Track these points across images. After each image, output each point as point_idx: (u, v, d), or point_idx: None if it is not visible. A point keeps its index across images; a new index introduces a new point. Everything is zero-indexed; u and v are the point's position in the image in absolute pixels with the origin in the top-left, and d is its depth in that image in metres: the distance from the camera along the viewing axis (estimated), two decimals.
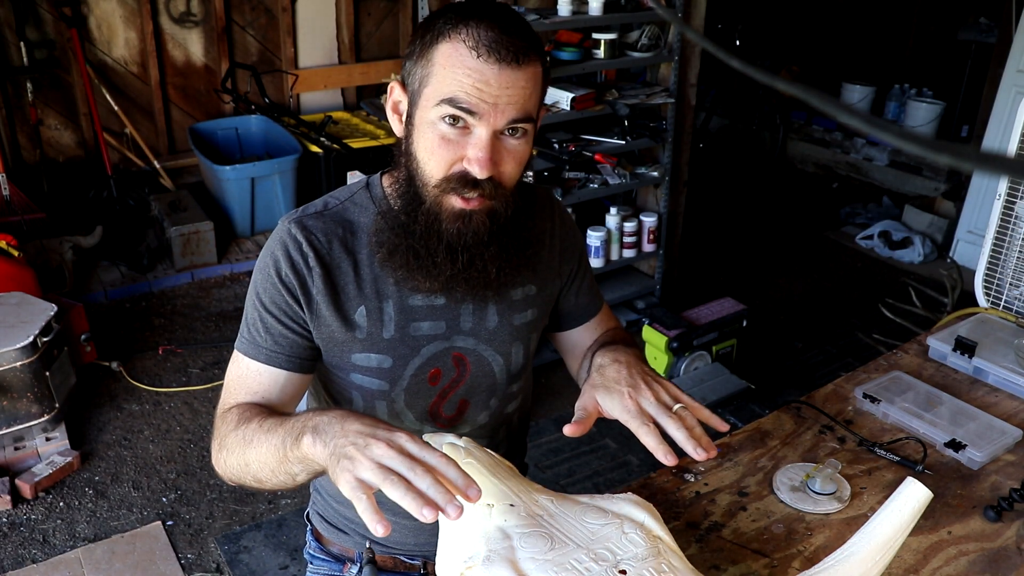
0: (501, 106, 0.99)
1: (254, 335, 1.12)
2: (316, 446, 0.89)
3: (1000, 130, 3.96)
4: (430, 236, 1.06)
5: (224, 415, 1.09)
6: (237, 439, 1.02)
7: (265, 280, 1.11)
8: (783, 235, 4.65)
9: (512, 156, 1.04)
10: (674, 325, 3.02)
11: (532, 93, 1.02)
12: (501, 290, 1.16)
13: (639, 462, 2.77)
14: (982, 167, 0.34)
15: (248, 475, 1.02)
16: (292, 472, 0.96)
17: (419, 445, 0.86)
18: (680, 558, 0.93)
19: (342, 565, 1.33)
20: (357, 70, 4.77)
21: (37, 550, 2.33)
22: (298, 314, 1.11)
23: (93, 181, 4.11)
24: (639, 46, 3.24)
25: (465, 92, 0.98)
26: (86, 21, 4.08)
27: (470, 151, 1.00)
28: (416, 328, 1.14)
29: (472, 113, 0.99)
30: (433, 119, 1.01)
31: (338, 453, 0.86)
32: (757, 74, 0.43)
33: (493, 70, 0.97)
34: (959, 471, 1.28)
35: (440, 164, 1.02)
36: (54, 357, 2.71)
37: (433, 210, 1.05)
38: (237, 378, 1.12)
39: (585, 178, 3.22)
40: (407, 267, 1.08)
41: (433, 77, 1.00)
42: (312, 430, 0.91)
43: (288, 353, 1.11)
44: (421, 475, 0.82)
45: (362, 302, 1.12)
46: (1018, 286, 1.68)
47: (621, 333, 1.33)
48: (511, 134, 1.02)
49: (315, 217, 1.13)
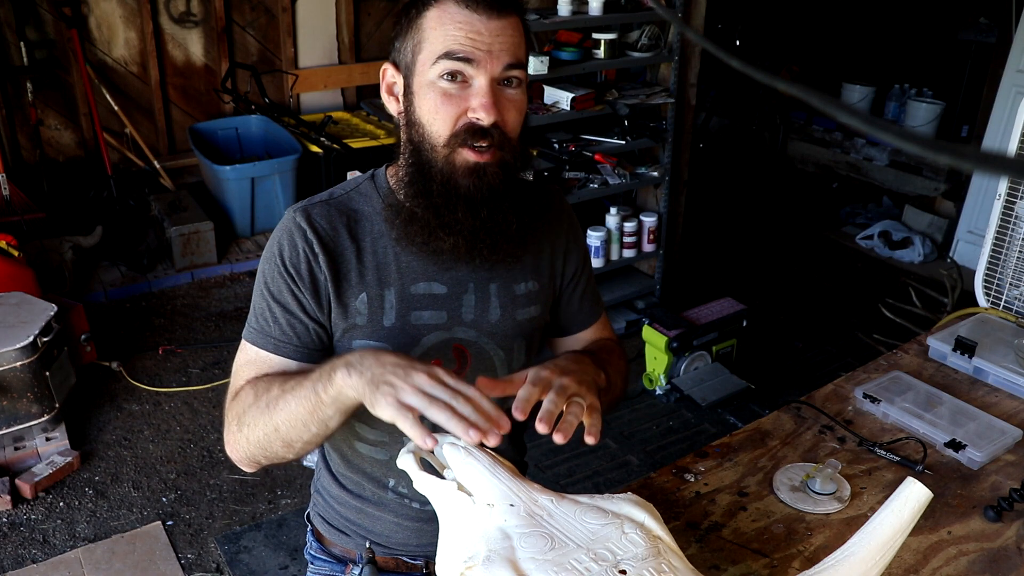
0: (495, 52, 1.03)
1: (262, 324, 1.12)
2: (351, 377, 0.94)
3: (1000, 130, 3.96)
4: (448, 194, 1.07)
5: (237, 396, 1.10)
6: (259, 409, 1.04)
7: (272, 269, 1.12)
8: (783, 235, 4.65)
9: (512, 105, 1.07)
10: (674, 325, 3.02)
11: (520, 41, 1.07)
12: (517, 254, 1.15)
13: (639, 462, 2.77)
14: (982, 167, 0.34)
15: (277, 440, 1.04)
16: (325, 417, 0.99)
17: (455, 379, 0.93)
18: (680, 558, 0.93)
19: (344, 566, 1.33)
20: (357, 70, 4.77)
21: (37, 550, 2.33)
22: (305, 301, 1.11)
23: (93, 181, 4.10)
24: (639, 46, 3.24)
25: (459, 44, 1.02)
26: (86, 21, 4.08)
27: (473, 100, 1.04)
28: (417, 317, 1.14)
29: (469, 61, 1.03)
30: (432, 79, 1.04)
31: (377, 380, 0.92)
32: (757, 74, 0.43)
33: (483, 19, 1.03)
34: (959, 471, 1.28)
35: (446, 120, 1.05)
36: (54, 357, 2.71)
37: (447, 169, 1.06)
38: (246, 363, 1.13)
39: (585, 178, 3.22)
40: (429, 226, 1.08)
41: (426, 41, 1.05)
42: (345, 365, 0.95)
43: (297, 343, 1.12)
44: (463, 403, 0.90)
45: (364, 289, 1.12)
46: (1018, 286, 1.68)
47: (609, 345, 1.30)
48: (508, 84, 1.06)
49: (320, 205, 1.15)
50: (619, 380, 1.24)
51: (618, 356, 1.27)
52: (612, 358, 1.24)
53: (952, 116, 4.86)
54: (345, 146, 4.00)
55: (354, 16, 4.70)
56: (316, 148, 4.05)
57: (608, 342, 1.32)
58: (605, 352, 1.25)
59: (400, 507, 1.24)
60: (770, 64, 5.30)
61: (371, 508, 1.26)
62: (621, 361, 1.28)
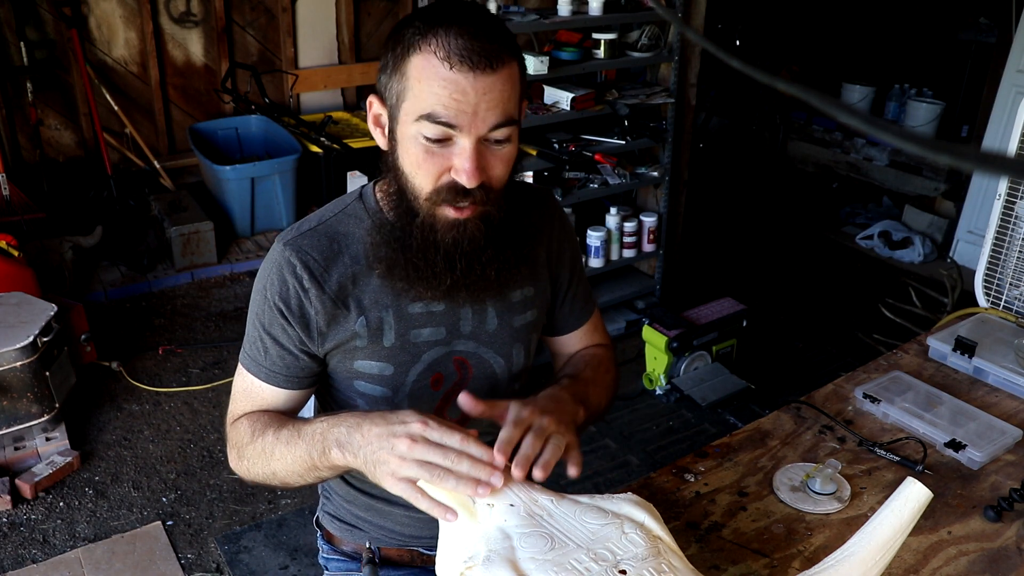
0: (481, 113, 0.97)
1: (255, 354, 1.14)
2: (347, 458, 0.98)
3: (1000, 130, 3.96)
4: (427, 248, 1.05)
5: (235, 425, 1.14)
6: (257, 452, 1.09)
7: (262, 303, 1.13)
8: (783, 235, 4.65)
9: (499, 160, 1.03)
10: (674, 325, 3.02)
11: (511, 95, 1.00)
12: (501, 291, 1.16)
13: (639, 462, 2.77)
14: (982, 167, 0.34)
15: (275, 481, 1.10)
16: (321, 476, 1.06)
17: (435, 429, 0.94)
18: (680, 558, 0.93)
19: (358, 563, 1.34)
20: (357, 70, 4.77)
21: (37, 550, 2.33)
22: (296, 336, 1.12)
23: (93, 181, 4.10)
24: (639, 46, 3.24)
25: (443, 105, 0.96)
26: (86, 21, 4.08)
27: (456, 161, 0.99)
28: (416, 335, 1.14)
29: (453, 126, 0.97)
30: (415, 134, 1.00)
31: (372, 461, 0.95)
32: (757, 74, 0.43)
33: (468, 79, 0.95)
34: (959, 471, 1.28)
35: (428, 177, 1.02)
36: (54, 357, 2.71)
37: (427, 222, 1.05)
38: (243, 391, 1.16)
39: (585, 178, 3.22)
40: (407, 279, 1.08)
41: (409, 92, 0.99)
42: (337, 445, 0.99)
43: (287, 374, 1.14)
44: (457, 460, 0.92)
45: (361, 313, 1.12)
46: (1018, 286, 1.68)
47: (598, 356, 1.30)
48: (495, 140, 1.01)
49: (309, 235, 1.12)
50: (603, 398, 1.24)
51: (605, 369, 1.27)
52: (598, 375, 1.24)
53: (952, 116, 4.86)
54: (345, 146, 4.00)
55: (354, 16, 4.70)
56: (316, 148, 4.05)
57: (597, 352, 1.31)
58: (591, 369, 1.24)
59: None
60: (770, 64, 5.30)
61: (381, 504, 1.27)
62: (607, 375, 1.27)
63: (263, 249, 4.00)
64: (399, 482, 0.93)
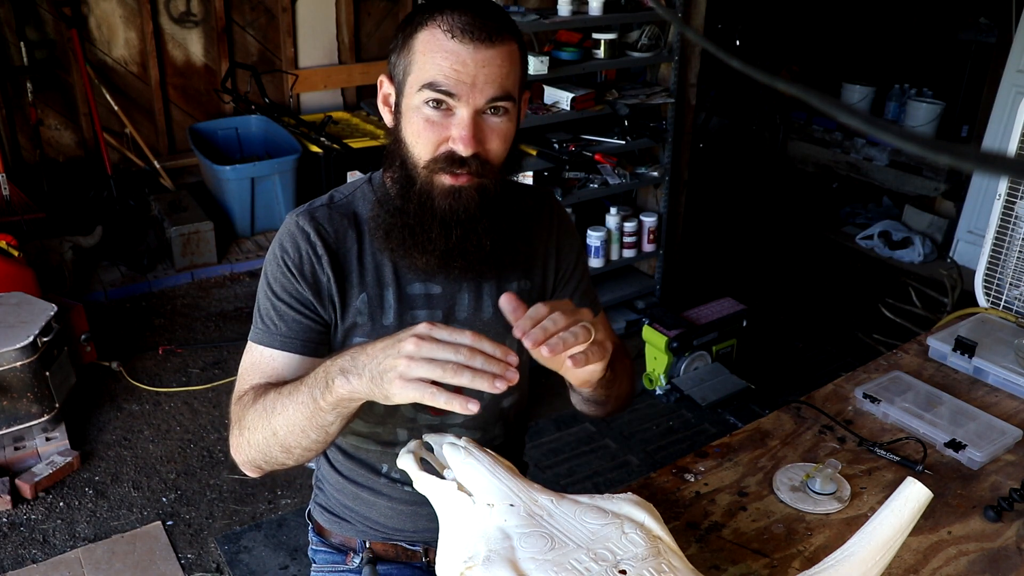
0: (479, 85, 1.03)
1: (268, 324, 1.15)
2: (351, 382, 0.91)
3: (1000, 130, 3.96)
4: (423, 213, 1.09)
5: (240, 399, 1.11)
6: (258, 412, 1.04)
7: (276, 269, 1.15)
8: (783, 235, 4.65)
9: (496, 134, 1.07)
10: (674, 325, 3.02)
11: (510, 71, 1.05)
12: (498, 274, 1.18)
13: (639, 462, 2.77)
14: (982, 167, 0.34)
15: (276, 445, 1.03)
16: (325, 423, 0.98)
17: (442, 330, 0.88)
18: (680, 558, 0.93)
19: (344, 556, 1.35)
20: (357, 70, 4.77)
21: (37, 550, 2.33)
22: (309, 300, 1.14)
23: (93, 181, 4.10)
24: (639, 46, 3.24)
25: (443, 75, 1.02)
26: (86, 21, 4.08)
27: (454, 131, 1.05)
28: (413, 316, 1.17)
29: (452, 94, 1.03)
30: (417, 104, 1.05)
31: (378, 372, 0.89)
32: (757, 74, 0.43)
33: (468, 50, 1.02)
34: (959, 471, 1.28)
35: (427, 145, 1.06)
36: (54, 357, 2.71)
37: (425, 189, 1.09)
38: (251, 365, 1.15)
39: (585, 178, 3.22)
40: (403, 244, 1.11)
41: (414, 65, 1.05)
42: (340, 372, 0.93)
43: (302, 338, 1.14)
44: (469, 356, 0.86)
45: (364, 289, 1.16)
46: (1018, 286, 1.68)
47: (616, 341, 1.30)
48: (493, 113, 1.06)
49: (322, 209, 1.18)
50: (625, 377, 1.24)
51: (623, 354, 1.28)
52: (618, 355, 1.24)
53: (952, 116, 4.86)
54: (345, 146, 4.00)
55: (354, 16, 4.70)
56: (316, 148, 4.05)
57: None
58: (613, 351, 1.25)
59: (393, 491, 1.27)
60: (770, 64, 5.30)
61: (366, 494, 1.28)
62: (627, 359, 1.28)
63: (263, 249, 4.00)
64: (408, 383, 0.86)
